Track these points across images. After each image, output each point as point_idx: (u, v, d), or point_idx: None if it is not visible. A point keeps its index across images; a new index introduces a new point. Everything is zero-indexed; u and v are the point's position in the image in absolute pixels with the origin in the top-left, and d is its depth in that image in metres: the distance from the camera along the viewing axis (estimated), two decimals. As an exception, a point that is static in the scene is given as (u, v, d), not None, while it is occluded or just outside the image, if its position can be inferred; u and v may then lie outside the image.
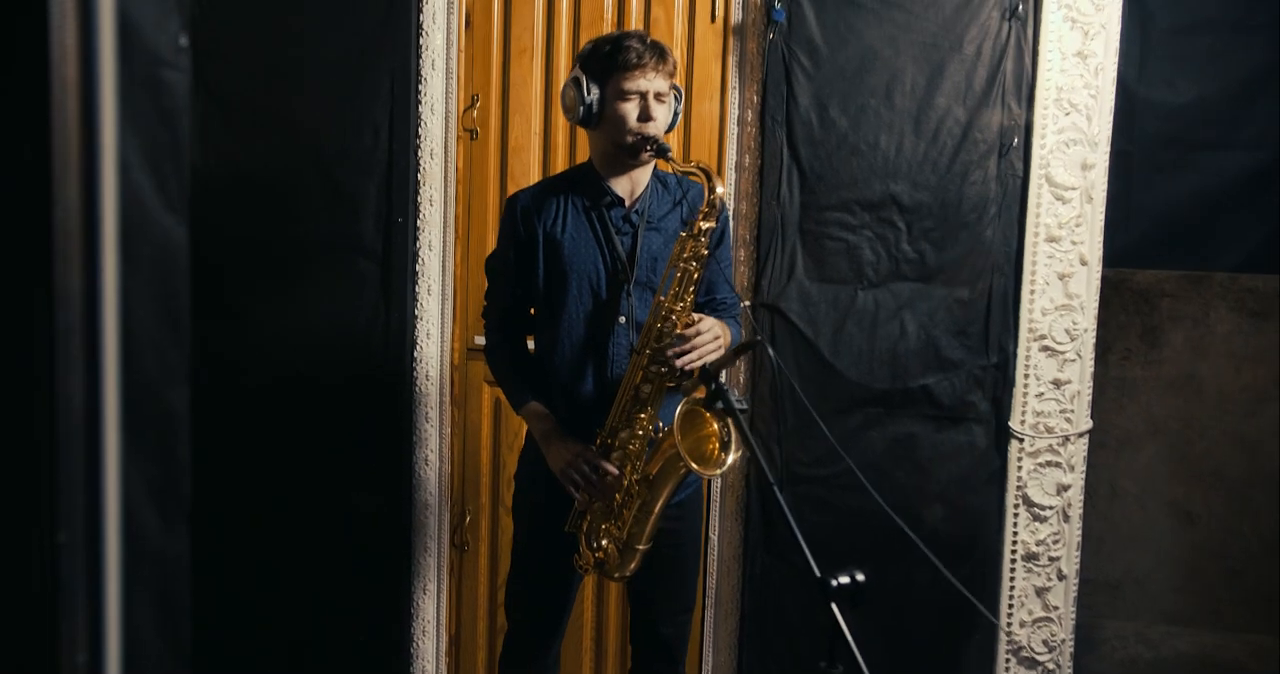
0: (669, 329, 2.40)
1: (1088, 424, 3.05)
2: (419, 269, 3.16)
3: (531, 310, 2.64)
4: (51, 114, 0.74)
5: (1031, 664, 3.11)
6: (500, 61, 3.21)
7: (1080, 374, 3.03)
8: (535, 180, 3.16)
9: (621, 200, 2.54)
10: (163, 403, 0.96)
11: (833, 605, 1.82)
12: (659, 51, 2.45)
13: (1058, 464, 3.04)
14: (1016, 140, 2.99)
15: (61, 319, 0.75)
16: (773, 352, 2.23)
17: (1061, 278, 3.00)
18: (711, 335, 2.40)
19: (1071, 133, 2.96)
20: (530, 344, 2.69)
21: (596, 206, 2.53)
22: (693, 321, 2.40)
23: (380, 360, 3.18)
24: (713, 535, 3.21)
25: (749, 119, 3.08)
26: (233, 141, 3.15)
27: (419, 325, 3.18)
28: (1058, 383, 3.02)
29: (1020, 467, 3.05)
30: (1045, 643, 3.09)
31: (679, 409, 2.29)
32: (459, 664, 3.38)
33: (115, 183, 0.77)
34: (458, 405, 3.30)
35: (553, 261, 2.53)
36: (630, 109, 2.43)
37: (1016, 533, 3.07)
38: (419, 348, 3.19)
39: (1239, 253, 3.51)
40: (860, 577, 1.85)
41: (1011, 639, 3.09)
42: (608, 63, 2.44)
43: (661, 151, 2.43)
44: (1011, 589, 3.09)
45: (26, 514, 0.81)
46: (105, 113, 0.76)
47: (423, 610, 3.28)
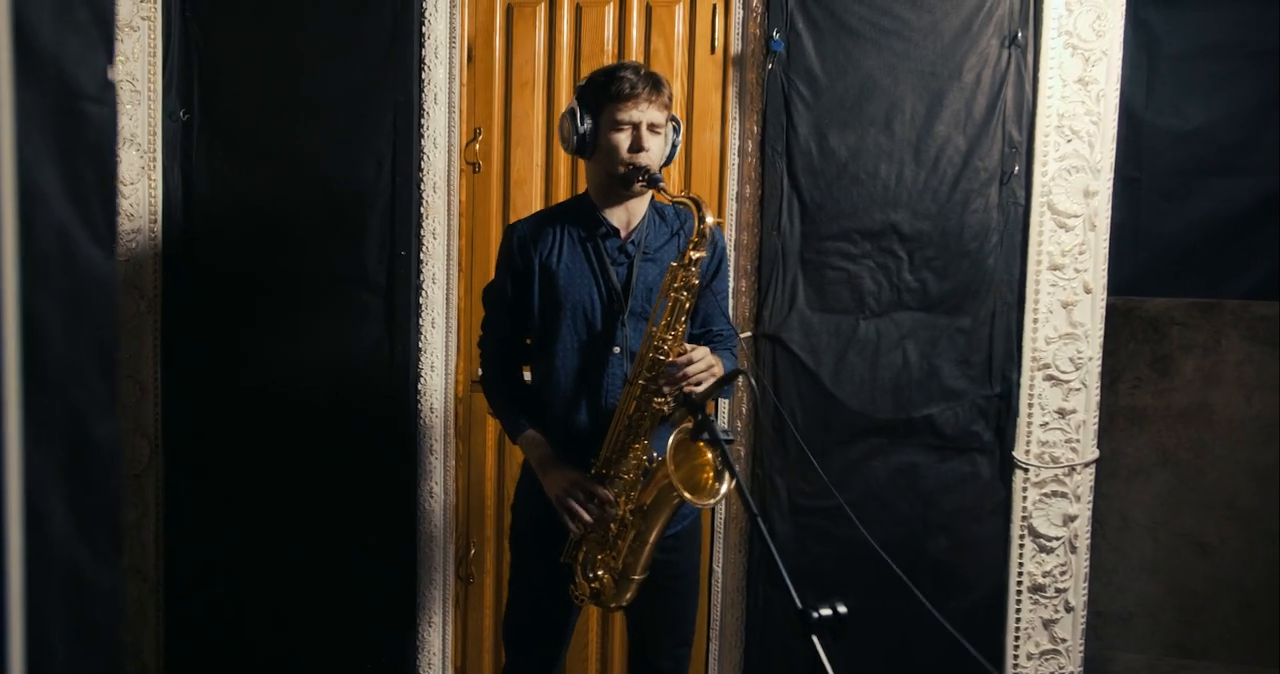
0: (661, 359, 2.39)
1: (1094, 454, 3.01)
2: (422, 302, 3.18)
3: (528, 340, 2.65)
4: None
5: (1041, 698, 3.06)
6: (502, 95, 3.24)
7: (1086, 403, 3.00)
8: (537, 212, 3.17)
9: (617, 231, 2.54)
10: (91, 435, 0.97)
11: (813, 638, 1.80)
12: (653, 82, 2.45)
13: (1064, 494, 3.00)
14: (1017, 168, 2.97)
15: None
16: (754, 382, 2.22)
17: (1065, 306, 2.97)
18: (704, 364, 2.40)
19: (1073, 160, 2.95)
20: (526, 374, 2.69)
21: (592, 237, 2.54)
22: (684, 350, 2.40)
23: (384, 393, 3.20)
24: (716, 567, 3.19)
25: (749, 149, 3.09)
26: (237, 174, 3.19)
27: (423, 358, 3.20)
28: (1063, 412, 2.99)
29: (1025, 497, 3.02)
30: (1053, 676, 3.04)
31: (671, 439, 2.29)
32: (464, 697, 3.38)
33: (14, 203, 0.78)
34: (462, 437, 3.31)
35: (548, 292, 2.53)
36: (622, 139, 2.44)
37: (1022, 564, 3.03)
38: (423, 380, 3.20)
39: (1250, 280, 3.46)
40: (842, 609, 1.82)
41: (1018, 672, 3.04)
42: (601, 93, 2.45)
43: (653, 182, 2.43)
44: (1018, 621, 3.04)
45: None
46: (3, 115, 0.77)
47: (428, 642, 3.28)
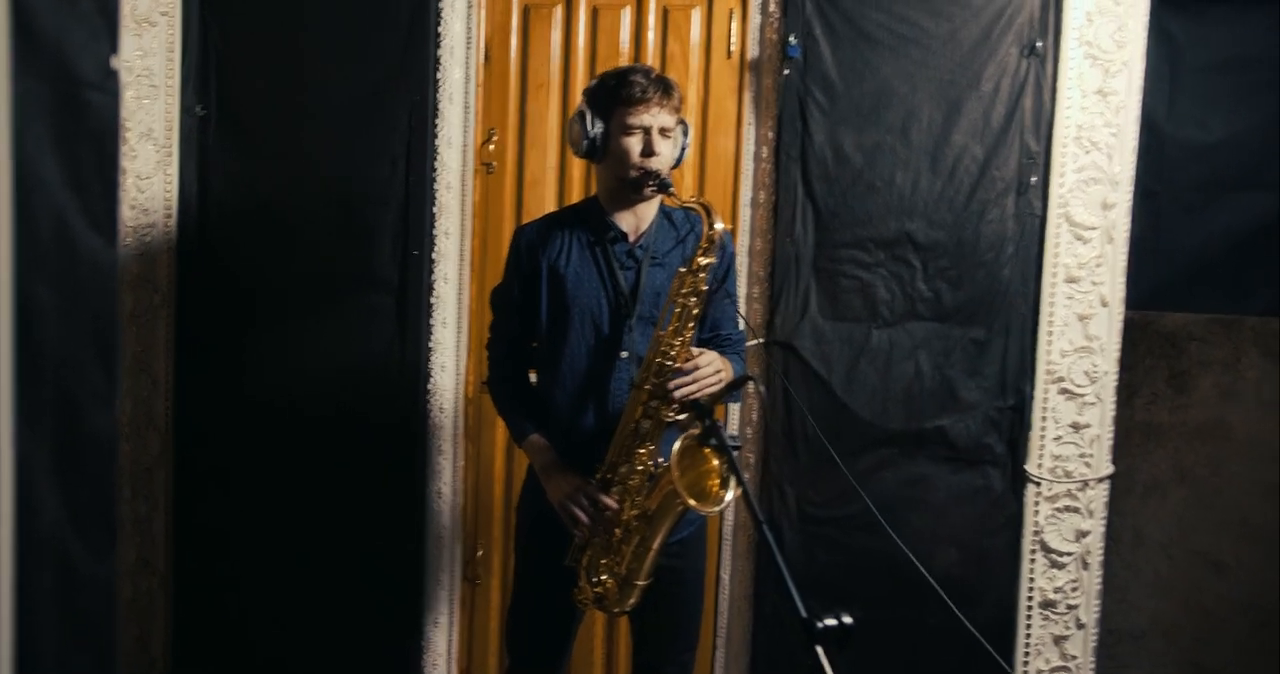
0: (668, 364, 2.38)
1: (1108, 469, 2.98)
2: (434, 302, 3.17)
3: (534, 343, 2.64)
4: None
5: (1049, 715, 3.02)
6: (518, 96, 3.23)
7: (1100, 418, 2.96)
8: (551, 214, 3.16)
9: (625, 235, 2.53)
10: (88, 425, 0.96)
11: (818, 648, 1.77)
12: (664, 86, 2.44)
13: (1076, 510, 2.97)
14: (1035, 178, 2.94)
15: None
16: (763, 388, 2.20)
17: (1081, 319, 2.94)
18: (711, 369, 2.38)
19: (1092, 171, 2.92)
20: (533, 377, 2.67)
21: (600, 241, 2.52)
22: (691, 355, 2.38)
23: (394, 392, 3.19)
24: (724, 574, 3.17)
25: (764, 155, 3.07)
26: (252, 170, 3.19)
27: (433, 358, 3.18)
28: (1077, 426, 2.96)
29: (1038, 511, 2.98)
30: (1061, 693, 3.01)
31: (676, 445, 2.27)
32: (467, 700, 3.36)
33: (10, 190, 0.77)
34: (471, 438, 3.29)
35: (556, 295, 2.52)
36: (633, 143, 2.43)
37: (1033, 580, 3.00)
38: (433, 380, 3.19)
39: (1271, 296, 3.41)
40: (847, 620, 1.79)
41: (1026, 689, 3.01)
42: (612, 97, 2.44)
43: (664, 187, 2.42)
44: (1028, 637, 3.01)
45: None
46: None
47: (434, 643, 3.26)
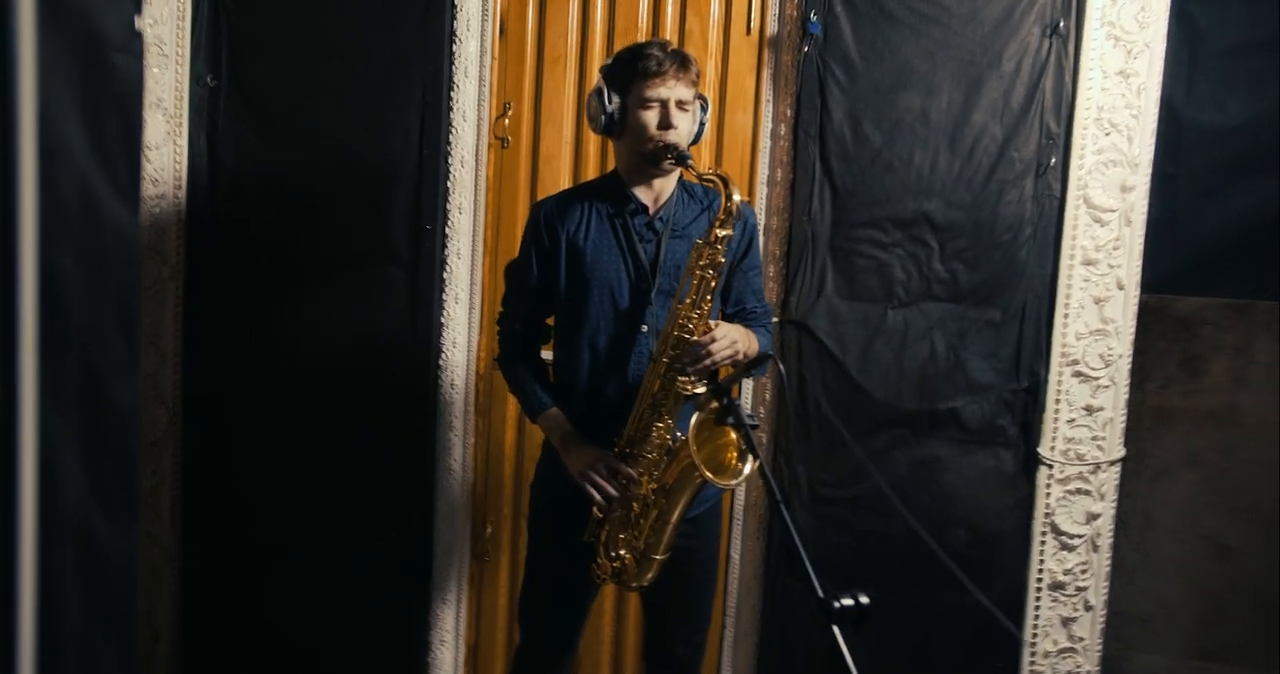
0: (686, 337, 2.36)
1: (1120, 452, 2.97)
2: (446, 277, 3.15)
3: (549, 319, 2.62)
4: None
5: (1056, 697, 3.03)
6: (533, 70, 3.20)
7: (1114, 401, 2.95)
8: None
9: (645, 208, 2.51)
10: (110, 397, 0.94)
11: (834, 628, 1.77)
12: (680, 60, 2.42)
13: (1088, 492, 2.96)
14: (1054, 160, 2.92)
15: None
16: (782, 367, 2.19)
17: (1097, 302, 2.93)
18: (727, 341, 2.36)
19: (1111, 154, 2.90)
20: (545, 353, 2.66)
21: (620, 214, 2.51)
22: (709, 328, 2.37)
23: (405, 367, 3.17)
24: (734, 554, 3.16)
25: (782, 132, 3.05)
26: (262, 142, 3.16)
27: (445, 333, 3.17)
28: (1090, 409, 2.95)
29: (1049, 494, 2.98)
30: (1070, 675, 3.01)
31: (694, 419, 2.26)
32: (475, 675, 3.36)
33: (34, 148, 0.75)
34: (482, 415, 3.28)
35: (575, 269, 2.51)
36: (651, 117, 2.41)
37: (1043, 561, 2.99)
38: (444, 356, 3.17)
39: (1283, 282, 3.40)
40: (864, 599, 1.79)
41: (1035, 669, 3.01)
42: (628, 71, 2.43)
43: (682, 159, 2.40)
44: (1036, 618, 3.01)
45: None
46: (24, 68, 0.73)
47: (441, 620, 3.26)
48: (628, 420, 2.44)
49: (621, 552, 2.47)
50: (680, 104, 2.43)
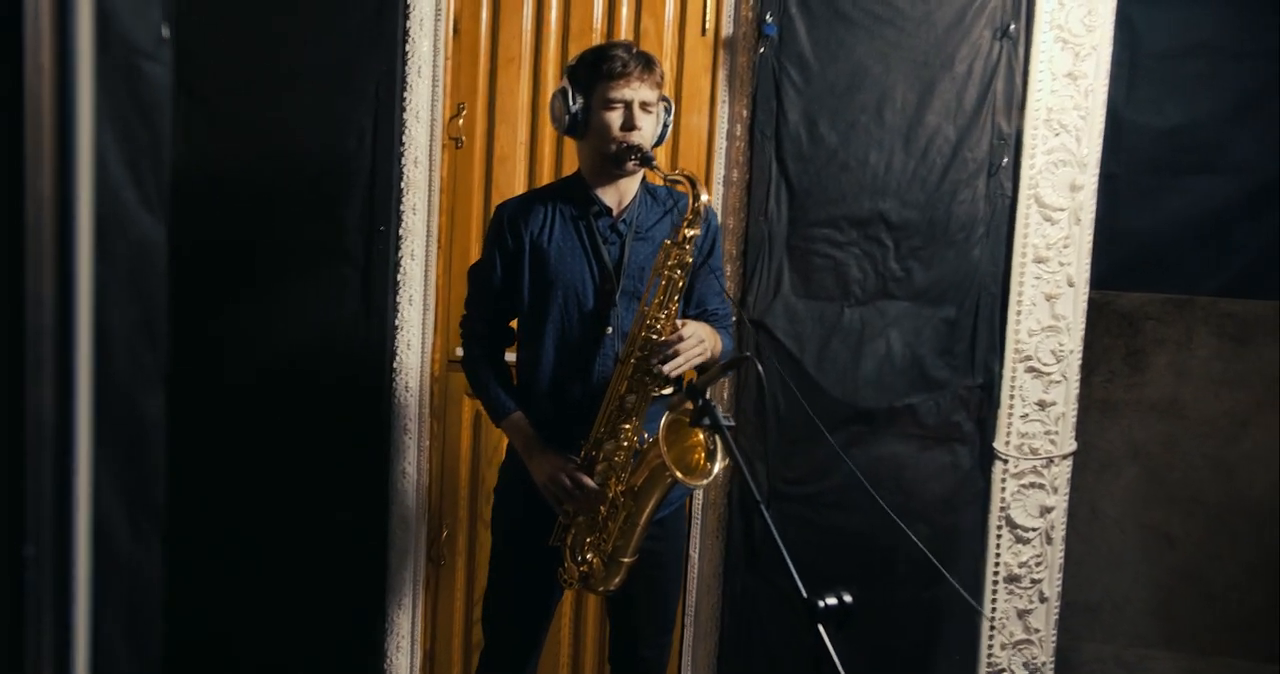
0: (653, 337, 2.37)
1: (1072, 446, 3.04)
2: (400, 278, 3.12)
3: (513, 322, 2.61)
4: (24, 103, 0.69)
5: (1011, 687, 3.08)
6: (487, 70, 3.18)
7: (1065, 396, 3.02)
8: (520, 190, 3.13)
9: (609, 210, 2.51)
10: (136, 409, 0.92)
11: (820, 627, 1.79)
12: (645, 61, 2.43)
13: (1041, 486, 3.02)
14: (1006, 160, 2.97)
15: (33, 320, 0.71)
16: (762, 369, 2.21)
17: (1049, 299, 2.99)
18: (695, 340, 2.38)
19: (1061, 154, 2.95)
20: (510, 356, 2.65)
21: (584, 216, 2.50)
22: (676, 328, 2.38)
23: (359, 370, 3.13)
24: (694, 553, 3.17)
25: (738, 133, 3.06)
26: (214, 143, 3.09)
27: (399, 335, 3.13)
28: (1043, 404, 3.01)
29: (1004, 488, 3.03)
30: (1026, 665, 3.07)
31: (664, 419, 2.26)
32: (432, 680, 3.33)
33: (90, 176, 0.73)
34: (437, 417, 3.25)
35: (539, 271, 2.50)
36: (615, 118, 2.41)
37: (999, 555, 3.05)
38: (399, 358, 3.14)
39: (1222, 278, 3.51)
40: (848, 598, 1.81)
41: (992, 661, 3.06)
42: (593, 72, 2.43)
43: (646, 161, 2.41)
44: (993, 611, 3.06)
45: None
46: (82, 102, 0.72)
47: (397, 625, 3.23)
48: (594, 422, 2.44)
49: (589, 555, 2.46)
50: (644, 106, 2.43)
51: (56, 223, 0.71)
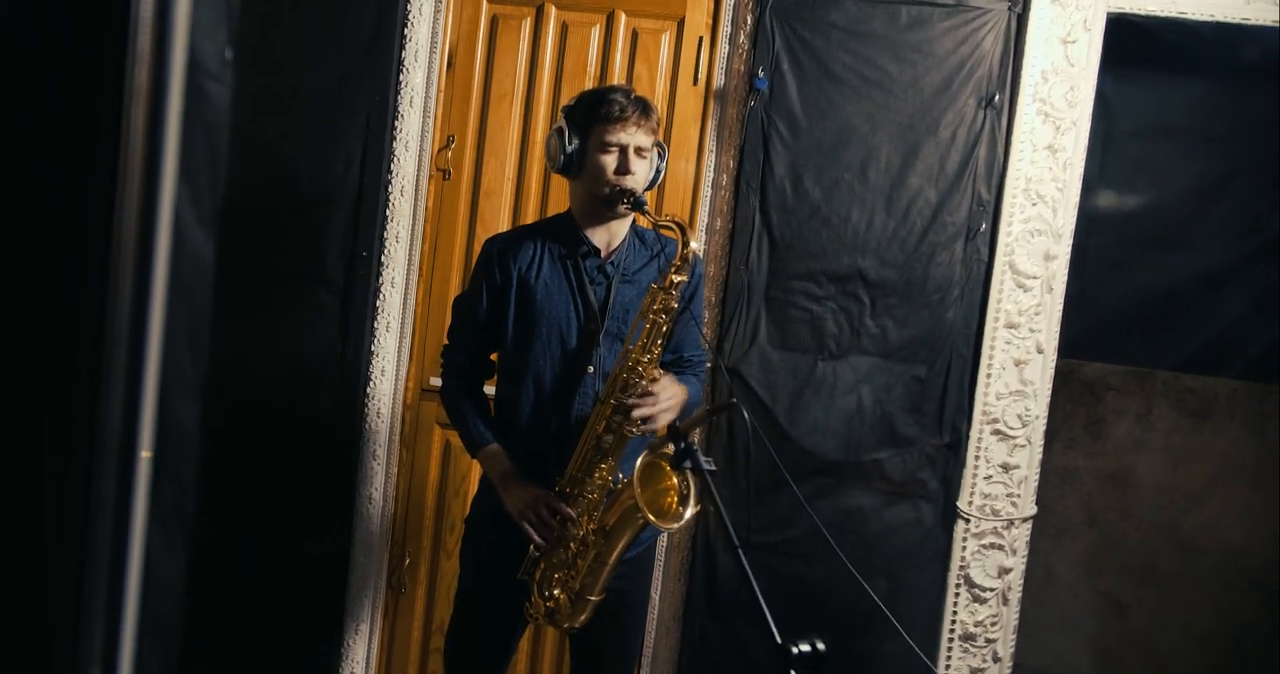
0: (634, 379, 2.39)
1: (1033, 510, 3.09)
2: (379, 305, 3.13)
3: (494, 356, 2.63)
4: (121, 120, 0.71)
5: (959, 746, 3.11)
6: (479, 104, 3.21)
7: (1029, 460, 3.07)
8: (505, 225, 3.16)
9: (598, 250, 2.54)
10: (176, 421, 0.93)
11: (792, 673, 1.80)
12: (643, 106, 2.47)
13: (1001, 547, 3.07)
14: (984, 226, 3.04)
15: (110, 329, 0.72)
16: (749, 415, 2.23)
17: (1018, 364, 3.05)
18: (667, 394, 2.41)
19: (1037, 223, 3.03)
20: (489, 389, 2.66)
21: (572, 255, 2.53)
22: (655, 378, 2.40)
23: (332, 395, 3.13)
24: (655, 594, 3.18)
25: (723, 183, 3.11)
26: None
27: (375, 362, 3.14)
28: (1006, 467, 3.06)
29: (965, 547, 3.07)
30: (977, 725, 3.10)
31: (640, 461, 2.28)
32: (381, 711, 3.30)
33: (172, 194, 0.75)
34: (407, 446, 3.25)
35: (524, 307, 2.52)
36: (609, 161, 2.45)
37: (956, 613, 3.08)
38: (372, 384, 3.14)
39: (1184, 353, 3.59)
40: (820, 645, 1.83)
41: (944, 719, 3.09)
42: (590, 114, 2.46)
43: (638, 205, 2.44)
44: (948, 668, 3.09)
45: (46, 531, 0.77)
46: (171, 122, 0.74)
47: (353, 651, 3.21)
48: (569, 460, 2.45)
49: (556, 591, 2.46)
50: (639, 150, 2.47)
51: (139, 236, 0.73)
